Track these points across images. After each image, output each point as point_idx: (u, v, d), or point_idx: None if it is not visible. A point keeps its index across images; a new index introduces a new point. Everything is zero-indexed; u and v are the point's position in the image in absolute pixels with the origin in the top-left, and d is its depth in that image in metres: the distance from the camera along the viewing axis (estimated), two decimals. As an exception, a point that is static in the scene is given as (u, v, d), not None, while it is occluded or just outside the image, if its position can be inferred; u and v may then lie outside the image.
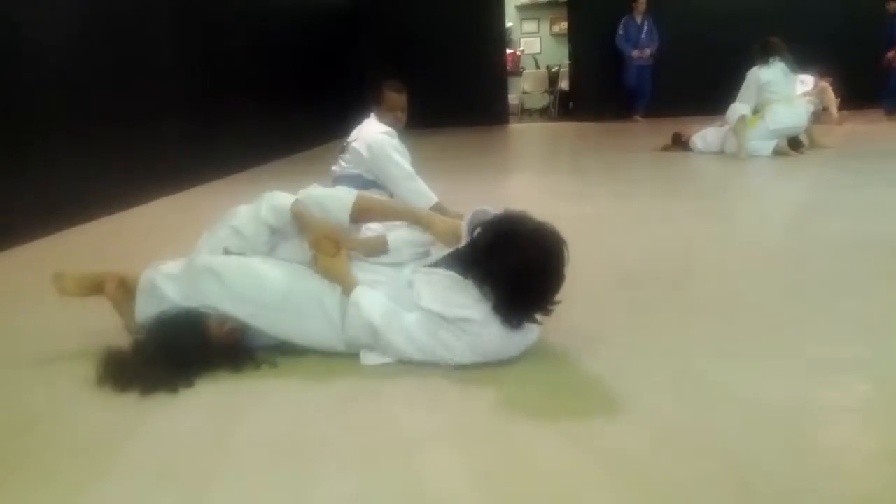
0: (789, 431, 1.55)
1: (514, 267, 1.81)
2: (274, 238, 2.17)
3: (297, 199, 2.14)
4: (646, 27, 9.97)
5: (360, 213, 2.18)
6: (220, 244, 2.17)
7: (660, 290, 2.62)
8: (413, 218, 2.24)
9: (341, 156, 3.87)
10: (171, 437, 1.68)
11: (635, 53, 9.94)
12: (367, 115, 3.94)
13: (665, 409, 1.67)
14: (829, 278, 2.68)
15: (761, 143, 5.97)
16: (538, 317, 1.89)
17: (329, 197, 2.18)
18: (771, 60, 6.09)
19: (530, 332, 1.95)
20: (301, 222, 2.11)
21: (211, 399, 1.86)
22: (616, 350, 2.04)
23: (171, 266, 2.15)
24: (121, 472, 1.53)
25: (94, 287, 2.24)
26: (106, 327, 2.23)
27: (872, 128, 7.79)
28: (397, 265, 2.15)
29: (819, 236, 3.42)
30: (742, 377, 1.83)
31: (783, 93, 6.04)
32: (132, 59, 5.15)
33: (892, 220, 3.57)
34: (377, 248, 2.16)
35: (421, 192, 3.67)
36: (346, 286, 2.01)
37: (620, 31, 10.05)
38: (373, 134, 3.76)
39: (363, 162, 3.73)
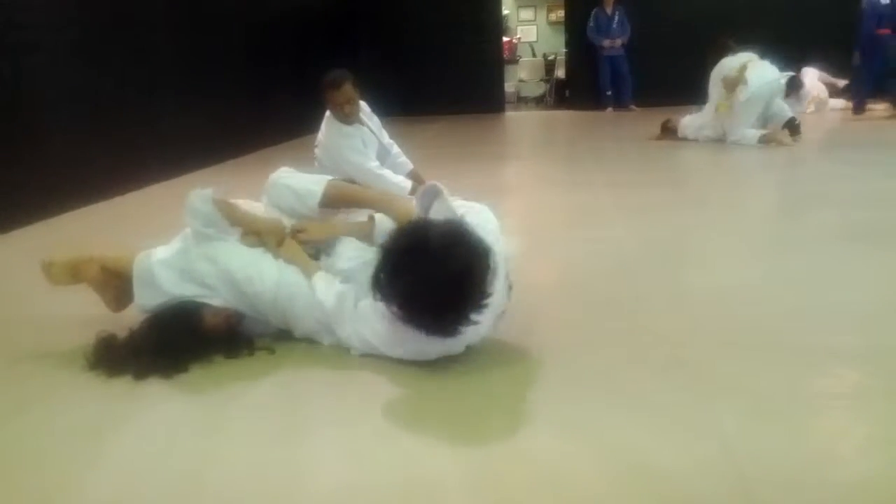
0: (784, 419, 1.55)
1: (420, 296, 1.67)
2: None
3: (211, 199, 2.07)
4: (616, 17, 10.05)
5: (331, 200, 2.17)
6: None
7: (654, 279, 2.63)
8: (382, 205, 2.13)
9: (315, 156, 3.83)
10: (163, 423, 1.68)
11: (606, 43, 10.04)
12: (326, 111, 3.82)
13: (660, 397, 1.67)
14: (822, 268, 2.69)
15: (748, 131, 5.98)
16: (472, 317, 1.70)
17: (300, 183, 2.18)
18: (726, 55, 6.28)
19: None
20: (232, 218, 2.10)
21: (203, 385, 1.86)
22: (610, 338, 2.05)
23: (164, 251, 2.13)
24: (112, 457, 1.53)
25: (79, 276, 2.22)
26: (100, 314, 2.22)
27: (864, 119, 7.80)
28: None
29: (813, 226, 3.43)
30: (737, 365, 1.84)
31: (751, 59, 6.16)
32: (128, 45, 5.10)
33: (885, 210, 3.58)
34: (365, 232, 2.10)
35: (391, 185, 3.58)
36: (307, 273, 2.02)
37: (591, 23, 10.12)
38: (328, 139, 3.68)
39: (330, 167, 3.67)
